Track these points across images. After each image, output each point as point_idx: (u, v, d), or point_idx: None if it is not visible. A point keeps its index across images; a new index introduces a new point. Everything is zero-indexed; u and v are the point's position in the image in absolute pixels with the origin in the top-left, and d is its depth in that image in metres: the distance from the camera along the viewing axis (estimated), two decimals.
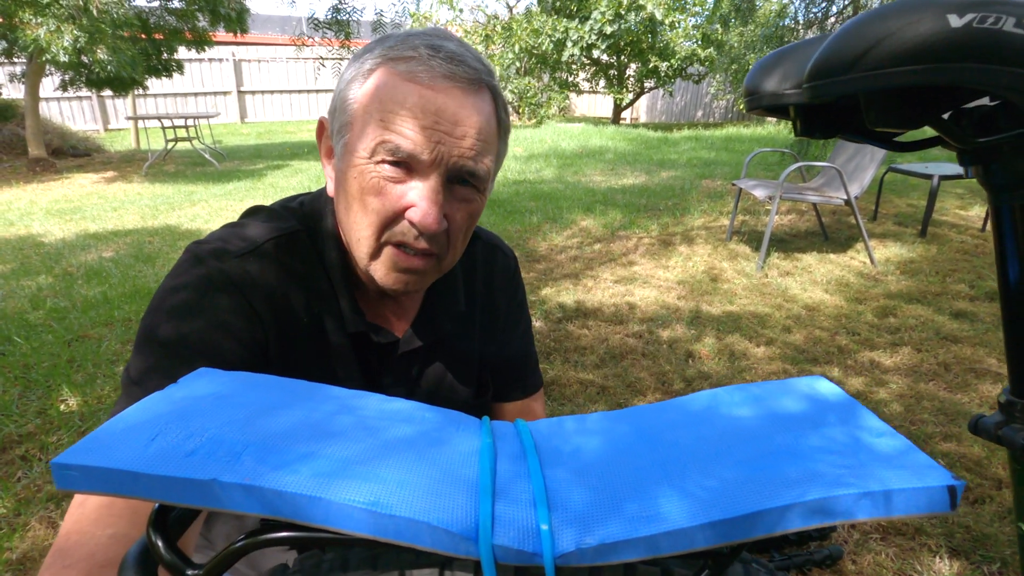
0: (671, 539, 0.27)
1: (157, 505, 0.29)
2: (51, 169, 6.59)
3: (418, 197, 0.52)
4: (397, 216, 0.54)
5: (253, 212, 0.65)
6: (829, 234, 3.71)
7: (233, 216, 4.48)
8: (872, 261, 3.13)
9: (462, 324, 0.71)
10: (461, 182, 0.55)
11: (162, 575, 0.29)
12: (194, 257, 0.56)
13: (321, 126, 0.59)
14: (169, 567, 0.28)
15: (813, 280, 2.96)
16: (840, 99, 0.43)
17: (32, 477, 1.52)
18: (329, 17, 3.79)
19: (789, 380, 0.39)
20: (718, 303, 2.70)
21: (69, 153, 7.71)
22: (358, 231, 0.55)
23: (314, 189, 0.68)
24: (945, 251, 3.29)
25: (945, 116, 0.44)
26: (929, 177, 3.57)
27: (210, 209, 4.73)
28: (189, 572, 0.28)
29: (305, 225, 0.62)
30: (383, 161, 0.51)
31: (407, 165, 0.52)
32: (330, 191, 0.59)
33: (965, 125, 0.45)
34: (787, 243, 3.60)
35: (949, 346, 2.22)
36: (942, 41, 0.35)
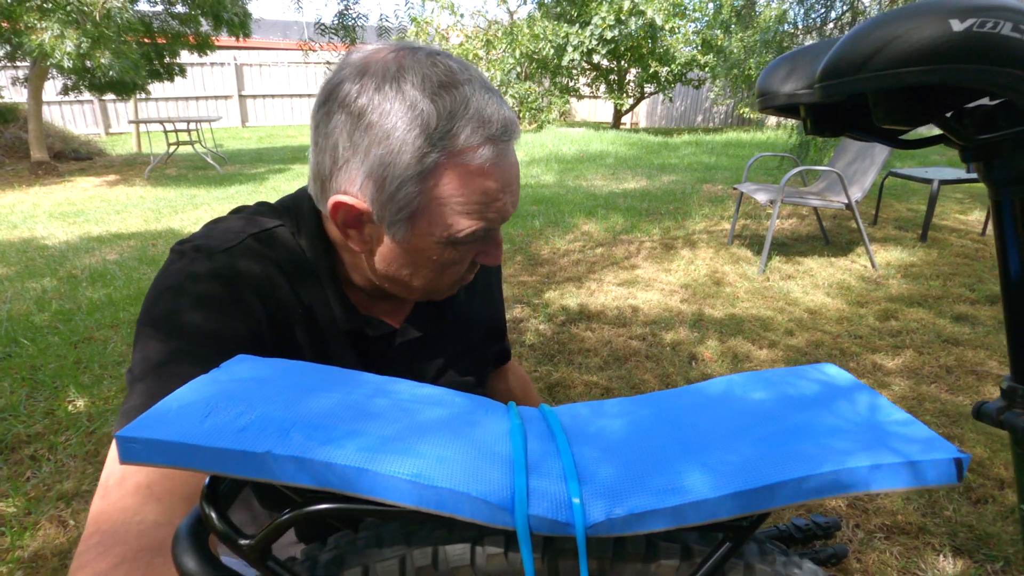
0: (696, 509, 0.28)
1: (208, 479, 0.30)
2: (53, 172, 6.60)
3: (493, 248, 0.58)
4: (470, 266, 0.59)
5: (235, 212, 0.66)
6: (830, 238, 3.73)
7: None
8: (873, 265, 3.15)
9: (459, 313, 0.73)
10: None
11: (212, 545, 0.30)
12: (176, 257, 0.57)
13: (339, 208, 0.53)
14: (223, 537, 0.29)
15: (815, 283, 2.98)
16: (849, 98, 0.45)
17: (41, 476, 1.53)
18: (335, 22, 3.82)
19: (800, 367, 0.40)
20: (720, 306, 2.71)
21: (71, 157, 7.73)
22: (430, 285, 0.59)
23: None
24: (946, 255, 3.31)
25: (948, 115, 0.46)
26: (929, 182, 3.59)
27: (212, 212, 4.74)
28: (242, 541, 0.29)
29: (286, 222, 0.63)
30: (467, 242, 0.55)
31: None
32: (357, 249, 0.58)
33: (967, 123, 0.48)
34: (788, 247, 3.62)
35: (950, 349, 2.23)
36: (945, 44, 0.37)
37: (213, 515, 0.29)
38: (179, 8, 6.83)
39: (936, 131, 0.48)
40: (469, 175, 0.51)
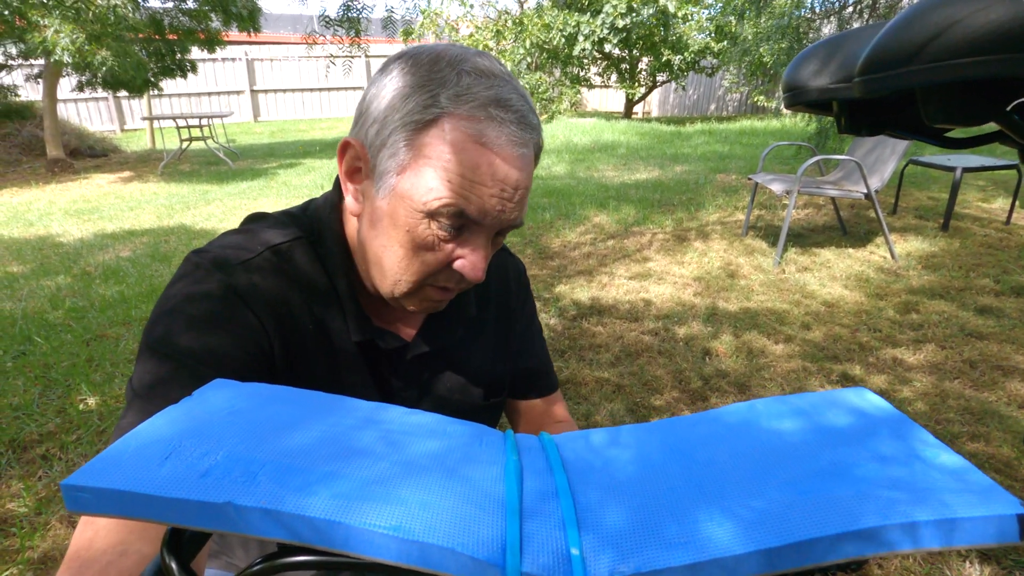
0: (716, 568, 0.25)
1: (170, 527, 0.28)
2: (69, 170, 6.68)
3: (470, 252, 0.54)
4: (445, 268, 0.55)
5: (254, 219, 0.64)
6: (848, 228, 3.64)
7: (246, 214, 4.50)
8: (893, 256, 3.07)
9: (473, 329, 0.70)
10: (502, 231, 0.56)
11: None
12: (190, 268, 0.55)
13: (347, 147, 0.55)
14: None
15: (832, 276, 2.91)
16: (892, 94, 0.39)
17: (53, 476, 1.54)
18: (340, 15, 3.79)
19: (831, 392, 0.36)
20: (735, 299, 2.66)
21: (86, 154, 7.82)
22: (398, 274, 0.55)
23: (327, 187, 0.66)
24: (968, 245, 3.21)
25: (1009, 109, 0.40)
26: (951, 169, 3.49)
27: (224, 208, 4.76)
28: None
29: (307, 231, 0.62)
30: (441, 222, 0.51)
31: (462, 226, 0.52)
32: (352, 209, 0.57)
33: None
34: (804, 238, 3.55)
35: (974, 343, 2.16)
36: (1019, 27, 0.31)
37: (174, 566, 0.27)
38: (189, 3, 6.85)
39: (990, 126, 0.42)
40: (465, 140, 0.49)
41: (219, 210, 4.71)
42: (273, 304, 0.56)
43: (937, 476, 0.28)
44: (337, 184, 0.62)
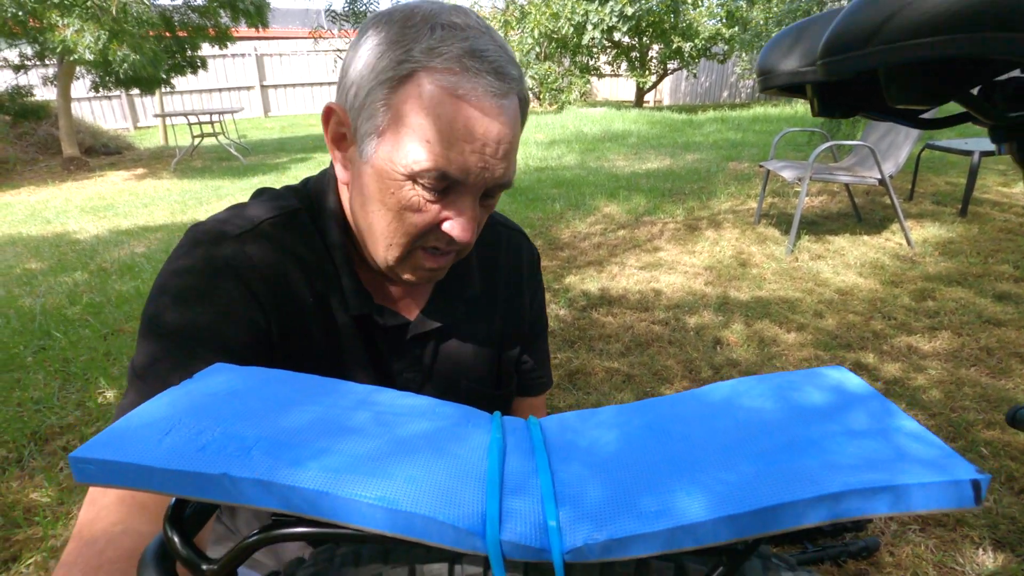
0: (687, 534, 0.26)
1: (173, 501, 0.29)
2: (84, 167, 6.78)
3: (456, 214, 0.53)
4: (433, 229, 0.54)
5: (259, 193, 0.64)
6: (862, 215, 3.59)
7: None
8: (908, 242, 3.02)
9: (477, 307, 0.69)
10: (490, 192, 0.55)
11: (180, 570, 0.29)
12: (193, 240, 0.55)
13: (330, 114, 0.55)
14: (185, 562, 0.28)
15: (846, 263, 2.87)
16: (859, 75, 0.39)
17: None
18: (346, 8, 3.80)
19: (811, 370, 0.37)
20: (746, 288, 2.64)
21: (101, 151, 7.93)
22: (388, 238, 0.54)
23: None
24: (987, 230, 3.15)
25: (974, 91, 0.40)
26: (969, 153, 3.42)
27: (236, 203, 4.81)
28: (204, 567, 0.28)
29: (307, 204, 0.61)
30: (425, 184, 0.50)
31: (447, 187, 0.51)
32: (342, 178, 0.57)
33: (997, 99, 0.41)
34: (818, 225, 3.50)
35: (992, 330, 2.13)
36: (968, 8, 0.31)
37: (176, 539, 0.28)
38: (198, 0, 6.89)
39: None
40: (441, 94, 0.47)
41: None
42: (269, 277, 0.56)
43: (900, 448, 0.29)
44: None
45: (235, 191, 5.30)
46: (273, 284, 0.56)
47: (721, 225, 3.56)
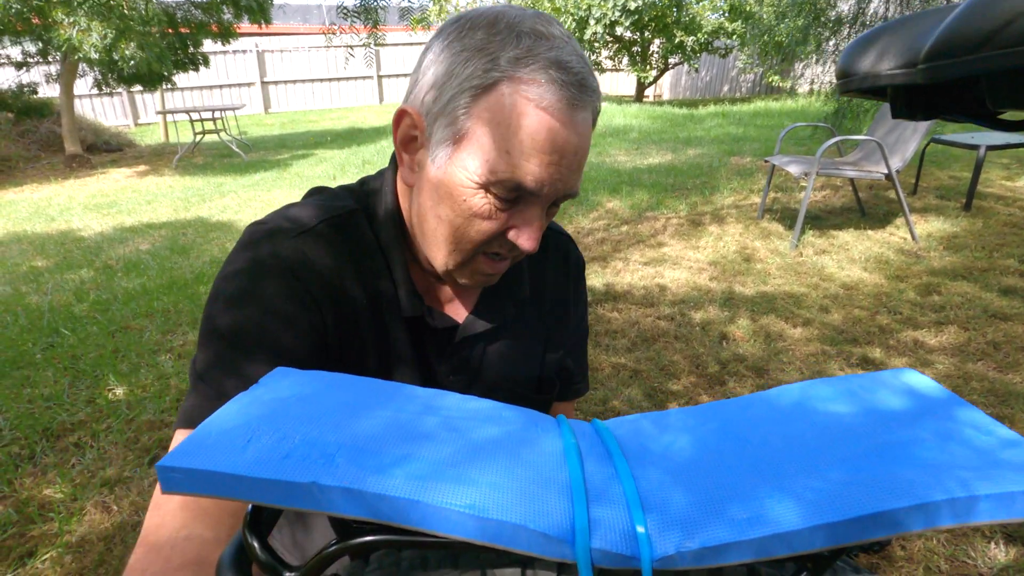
0: (782, 542, 0.26)
1: (251, 507, 0.29)
2: (87, 165, 6.77)
3: (524, 224, 0.53)
4: (498, 236, 0.54)
5: (314, 192, 0.64)
6: (867, 210, 3.59)
7: (261, 206, 4.54)
8: (913, 237, 3.02)
9: (525, 310, 0.69)
10: (557, 202, 0.55)
11: (256, 574, 0.30)
12: (247, 241, 0.56)
13: (403, 116, 0.54)
14: (265, 567, 0.28)
15: (851, 258, 2.87)
16: (956, 79, 0.39)
17: (86, 463, 1.58)
18: (357, 5, 3.77)
19: (878, 373, 0.37)
20: (751, 283, 2.64)
21: (103, 149, 7.91)
22: (452, 243, 0.54)
23: (339, 177, 0.66)
24: (991, 225, 3.15)
25: None
26: (975, 148, 3.41)
27: (239, 200, 4.81)
28: (286, 574, 0.28)
29: (363, 204, 0.61)
30: (498, 194, 0.50)
31: (518, 197, 0.51)
32: (407, 180, 0.56)
33: None
34: (822, 220, 3.50)
35: (998, 324, 2.13)
36: None
37: (256, 544, 0.28)
38: None
39: None
40: (524, 106, 0.47)
41: (234, 202, 4.75)
42: (326, 277, 0.56)
43: (995, 451, 0.28)
44: (394, 159, 0.61)
45: (238, 188, 5.30)
46: (330, 285, 0.56)
47: (724, 220, 3.56)
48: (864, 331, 2.16)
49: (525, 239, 0.52)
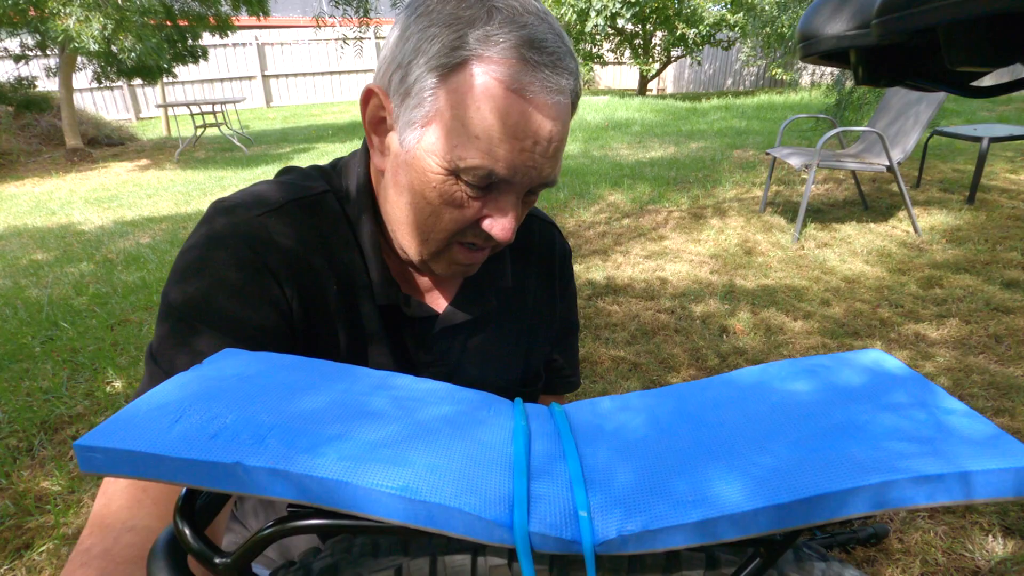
0: (726, 524, 0.25)
1: (184, 492, 0.28)
2: (88, 159, 6.77)
3: (498, 213, 0.50)
4: (472, 225, 0.51)
5: (285, 172, 0.62)
6: (869, 203, 3.56)
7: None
8: (916, 230, 3.00)
9: (508, 300, 0.66)
10: (533, 190, 0.53)
11: (192, 563, 0.28)
12: (206, 216, 0.54)
13: (370, 95, 0.51)
14: (197, 555, 0.27)
15: (852, 251, 2.85)
16: (912, 37, 0.36)
17: None
18: None
19: (844, 353, 0.35)
20: (752, 277, 2.62)
21: (104, 142, 7.91)
22: (424, 232, 0.52)
23: None
24: (995, 218, 3.13)
25: None
26: (978, 140, 3.38)
27: None
28: (217, 560, 0.27)
29: (335, 186, 0.58)
30: (470, 181, 0.47)
31: (491, 184, 0.49)
32: (377, 164, 0.54)
33: None
34: (824, 213, 3.48)
35: (1000, 317, 2.12)
36: None
37: (187, 531, 0.27)
38: None
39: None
40: (495, 87, 0.44)
41: None
42: (293, 257, 0.53)
43: (954, 433, 0.27)
44: (365, 142, 0.58)
45: (239, 182, 5.29)
46: (293, 261, 0.53)
47: (726, 213, 3.54)
48: (865, 324, 2.14)
49: (499, 229, 0.50)
